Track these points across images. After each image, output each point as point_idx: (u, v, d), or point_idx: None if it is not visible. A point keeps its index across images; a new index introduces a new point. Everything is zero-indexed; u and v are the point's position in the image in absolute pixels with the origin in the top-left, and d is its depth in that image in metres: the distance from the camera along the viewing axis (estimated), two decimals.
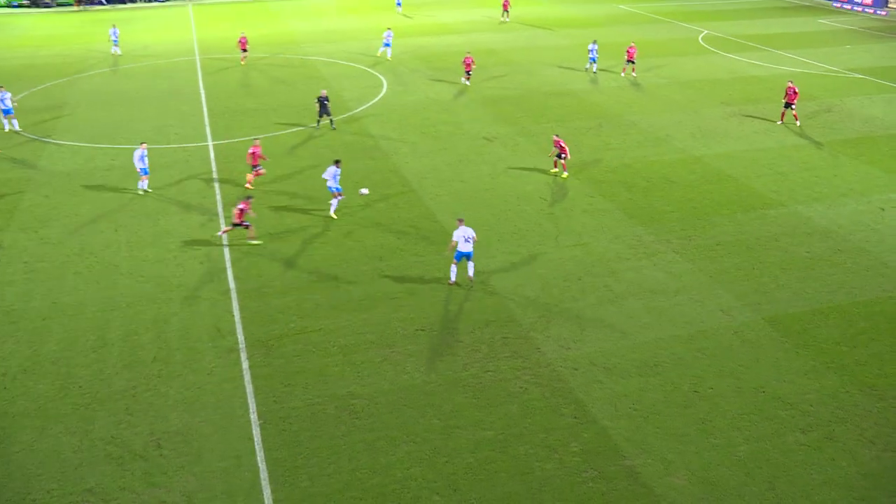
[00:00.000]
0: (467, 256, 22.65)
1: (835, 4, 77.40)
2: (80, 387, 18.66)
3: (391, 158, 33.42)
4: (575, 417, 17.64)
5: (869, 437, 17.11)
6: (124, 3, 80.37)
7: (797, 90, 37.79)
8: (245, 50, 50.07)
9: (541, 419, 17.57)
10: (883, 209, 28.74)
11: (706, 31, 62.55)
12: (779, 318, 21.61)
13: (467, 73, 45.08)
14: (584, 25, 64.70)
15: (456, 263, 22.94)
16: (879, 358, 19.90)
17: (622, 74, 47.32)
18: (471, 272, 22.96)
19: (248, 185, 29.99)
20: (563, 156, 30.84)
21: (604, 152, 34.21)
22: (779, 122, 38.54)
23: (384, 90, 44.19)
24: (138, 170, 29.46)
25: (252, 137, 34.21)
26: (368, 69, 49.03)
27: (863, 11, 73.51)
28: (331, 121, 37.33)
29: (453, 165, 32.56)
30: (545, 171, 31.82)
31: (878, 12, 72.06)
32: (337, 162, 27.61)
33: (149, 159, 30.12)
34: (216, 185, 30.60)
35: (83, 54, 54.24)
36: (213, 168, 32.35)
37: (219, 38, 59.68)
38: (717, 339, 20.60)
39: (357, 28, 63.57)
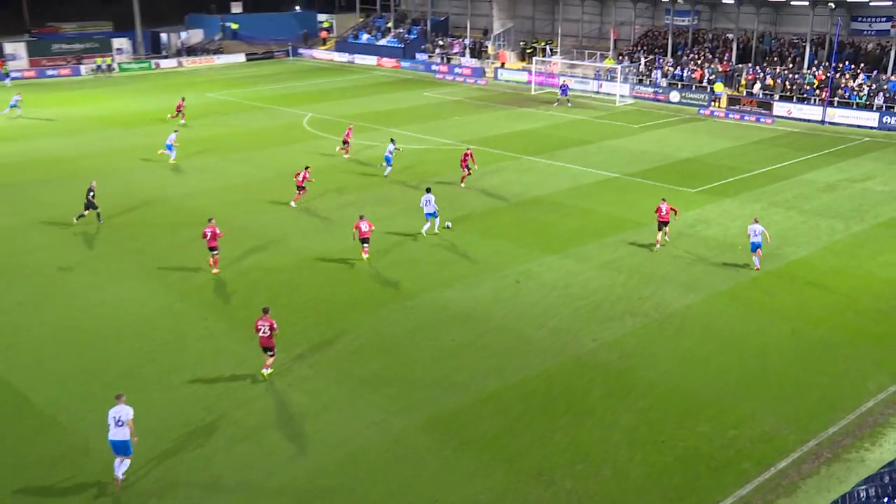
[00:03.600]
0: (122, 449, 19.40)
1: (437, 76, 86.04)
2: None
3: None
4: None
5: None
6: None
7: (472, 155, 44.29)
8: None
9: None
10: (518, 282, 31.65)
11: (310, 115, 65.66)
12: (435, 419, 22.50)
13: (298, 187, 41.03)
14: (163, 119, 63.41)
15: (116, 457, 19.58)
16: (541, 440, 21.49)
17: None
18: (121, 470, 19.48)
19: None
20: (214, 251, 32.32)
21: (211, 263, 33.67)
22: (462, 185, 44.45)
23: None
24: None
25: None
26: None
27: (464, 81, 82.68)
28: (97, 214, 39.05)
29: (25, 306, 29.91)
30: (149, 295, 30.54)
31: (479, 81, 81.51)
32: (428, 189, 37.29)
33: None
34: None
35: None
36: None
37: None
38: (375, 456, 20.82)
39: None
